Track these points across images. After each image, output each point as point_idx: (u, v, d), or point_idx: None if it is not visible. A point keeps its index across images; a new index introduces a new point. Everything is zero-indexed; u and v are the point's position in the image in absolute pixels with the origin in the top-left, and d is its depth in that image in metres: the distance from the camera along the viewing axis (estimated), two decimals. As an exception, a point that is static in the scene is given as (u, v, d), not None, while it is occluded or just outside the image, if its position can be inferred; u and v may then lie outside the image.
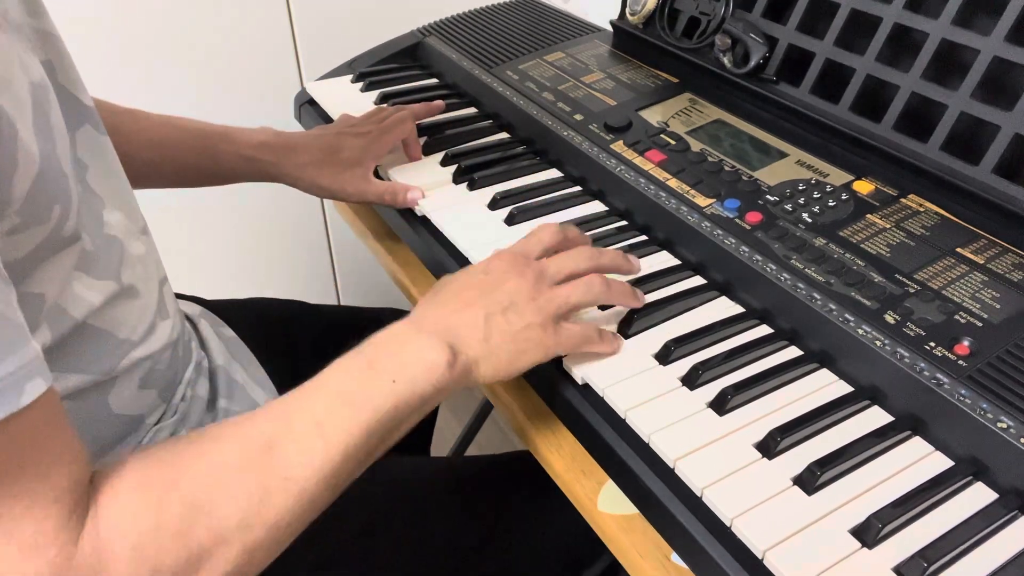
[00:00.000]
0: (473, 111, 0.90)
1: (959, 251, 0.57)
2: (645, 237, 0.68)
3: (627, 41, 0.92)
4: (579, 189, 0.75)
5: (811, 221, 0.62)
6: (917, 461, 0.47)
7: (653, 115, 0.78)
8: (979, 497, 0.45)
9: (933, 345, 0.50)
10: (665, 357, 0.54)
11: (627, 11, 0.90)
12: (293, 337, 0.83)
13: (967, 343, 0.50)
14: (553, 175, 0.78)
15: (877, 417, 0.50)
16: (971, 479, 0.46)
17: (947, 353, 0.50)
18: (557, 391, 0.55)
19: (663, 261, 0.65)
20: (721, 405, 0.50)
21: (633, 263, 0.62)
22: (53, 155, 0.43)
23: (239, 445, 0.43)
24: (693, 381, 0.52)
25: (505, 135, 0.85)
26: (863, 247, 0.59)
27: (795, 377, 0.53)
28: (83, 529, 0.37)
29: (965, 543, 0.42)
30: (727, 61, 0.78)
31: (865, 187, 0.65)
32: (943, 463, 0.47)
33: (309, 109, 0.96)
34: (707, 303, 0.60)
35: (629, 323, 0.57)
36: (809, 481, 0.45)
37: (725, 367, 0.53)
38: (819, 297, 0.55)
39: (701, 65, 0.81)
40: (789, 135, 0.72)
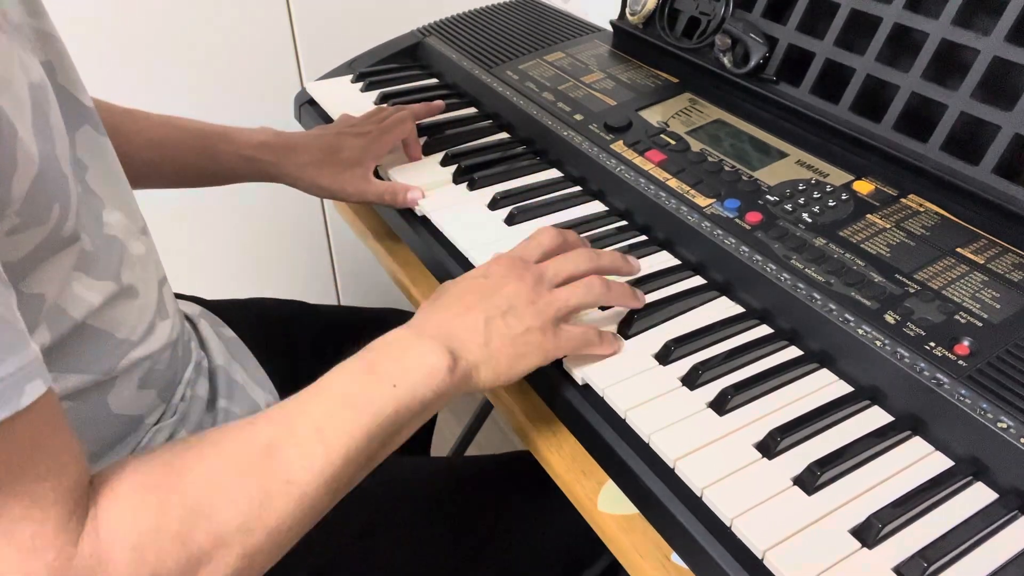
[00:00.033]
0: (473, 111, 0.90)
1: (959, 251, 0.57)
2: (645, 237, 0.68)
3: (627, 41, 0.92)
4: (579, 189, 0.75)
5: (811, 221, 0.62)
6: (917, 461, 0.47)
7: (653, 115, 0.78)
8: (979, 497, 0.45)
9: (933, 345, 0.50)
10: (665, 357, 0.55)
11: (627, 11, 0.90)
12: (293, 337, 0.83)
13: (967, 343, 0.50)
14: (553, 175, 0.78)
15: (877, 417, 0.50)
16: (971, 479, 0.46)
17: (947, 353, 0.50)
18: (557, 391, 0.55)
19: (663, 261, 0.65)
20: (721, 405, 0.50)
21: (632, 264, 0.62)
22: (52, 156, 0.43)
23: (240, 449, 0.43)
24: (693, 381, 0.52)
25: (505, 135, 0.85)
26: (863, 247, 0.59)
27: (795, 377, 0.53)
28: (83, 531, 0.37)
29: (965, 543, 0.42)
30: (727, 61, 0.78)
31: (865, 187, 0.65)
32: (943, 463, 0.47)
33: (309, 109, 0.96)
34: (707, 303, 0.60)
35: (629, 323, 0.57)
36: (809, 481, 0.45)
37: (725, 367, 0.53)
38: (819, 297, 0.55)
39: (701, 65, 0.81)
40: (789, 135, 0.72)
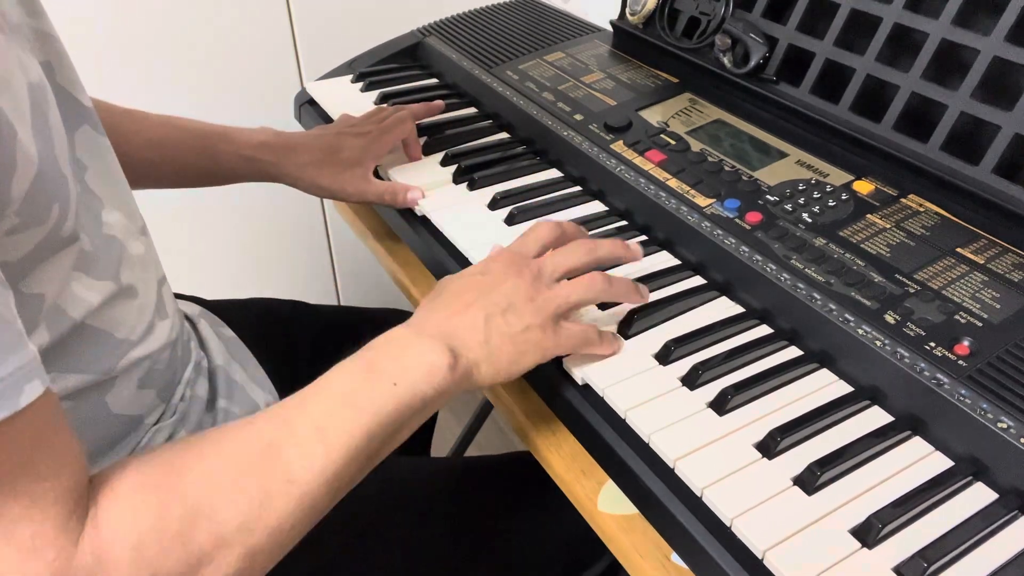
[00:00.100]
0: (473, 111, 0.90)
1: (959, 251, 0.57)
2: (645, 237, 0.68)
3: (627, 41, 0.92)
4: (579, 189, 0.75)
5: (811, 221, 0.62)
6: (917, 461, 0.47)
7: (653, 115, 0.78)
8: (979, 497, 0.45)
9: (933, 345, 0.50)
10: (665, 357, 0.54)
11: (627, 11, 0.90)
12: (293, 337, 0.83)
13: (967, 343, 0.50)
14: (553, 175, 0.78)
15: (877, 417, 0.50)
16: (971, 479, 0.46)
17: (947, 353, 0.50)
18: (557, 391, 0.55)
19: (663, 261, 0.65)
20: (721, 405, 0.50)
21: (633, 250, 0.60)
22: (51, 156, 0.43)
23: (240, 448, 0.43)
24: (693, 381, 0.52)
25: (505, 135, 0.85)
26: (863, 247, 0.59)
27: (795, 377, 0.53)
28: (83, 531, 0.37)
29: (965, 543, 0.42)
30: (727, 61, 0.78)
31: (865, 187, 0.65)
32: (943, 463, 0.47)
33: (309, 109, 0.96)
34: (707, 303, 0.60)
35: (629, 323, 0.57)
36: (809, 481, 0.45)
37: (725, 367, 0.53)
38: (819, 297, 0.55)
39: (701, 65, 0.81)
40: (789, 135, 0.72)
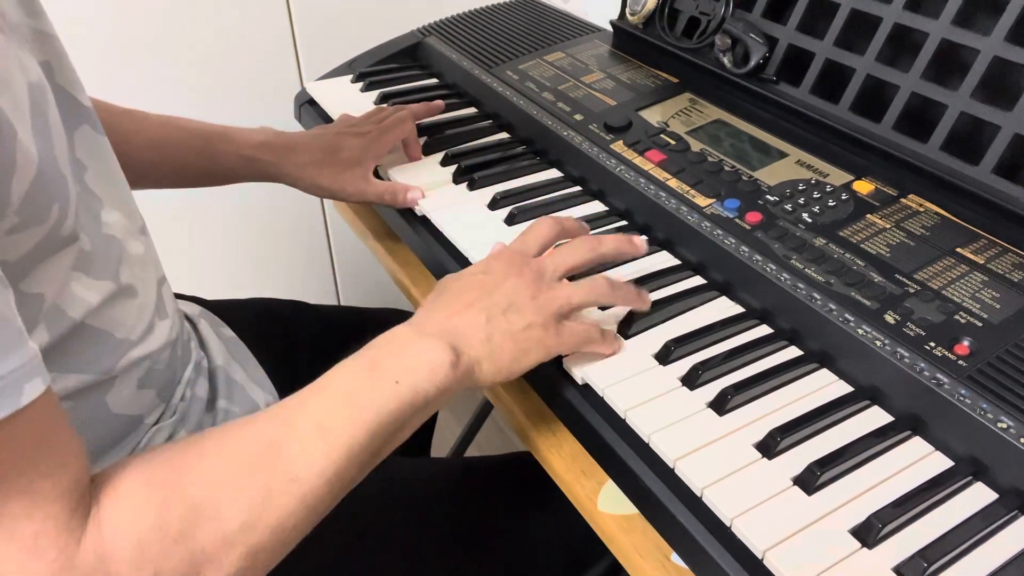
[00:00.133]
0: (473, 111, 0.90)
1: (959, 251, 0.57)
2: (645, 237, 0.68)
3: (627, 41, 0.92)
4: (579, 189, 0.75)
5: (811, 221, 0.62)
6: (917, 461, 0.47)
7: (653, 115, 0.78)
8: (979, 497, 0.45)
9: (933, 345, 0.50)
10: (665, 357, 0.54)
11: (627, 11, 0.90)
12: (293, 337, 0.83)
13: (967, 343, 0.50)
14: (553, 175, 0.78)
15: (877, 417, 0.50)
16: (971, 479, 0.46)
17: (947, 353, 0.50)
18: (557, 391, 0.55)
19: (663, 261, 0.65)
20: (721, 405, 0.50)
21: (638, 244, 0.60)
22: (51, 156, 0.43)
23: (242, 447, 0.43)
24: (693, 381, 0.52)
25: (505, 135, 0.85)
26: (863, 247, 0.59)
27: (795, 377, 0.53)
28: (85, 530, 0.37)
29: (965, 543, 0.42)
30: (727, 61, 0.78)
31: (865, 187, 0.65)
32: (943, 463, 0.47)
33: (309, 109, 0.96)
34: (707, 303, 0.60)
35: (629, 323, 0.57)
36: (809, 481, 0.45)
37: (725, 367, 0.53)
38: (819, 297, 0.55)
39: (701, 65, 0.81)
40: (789, 135, 0.72)
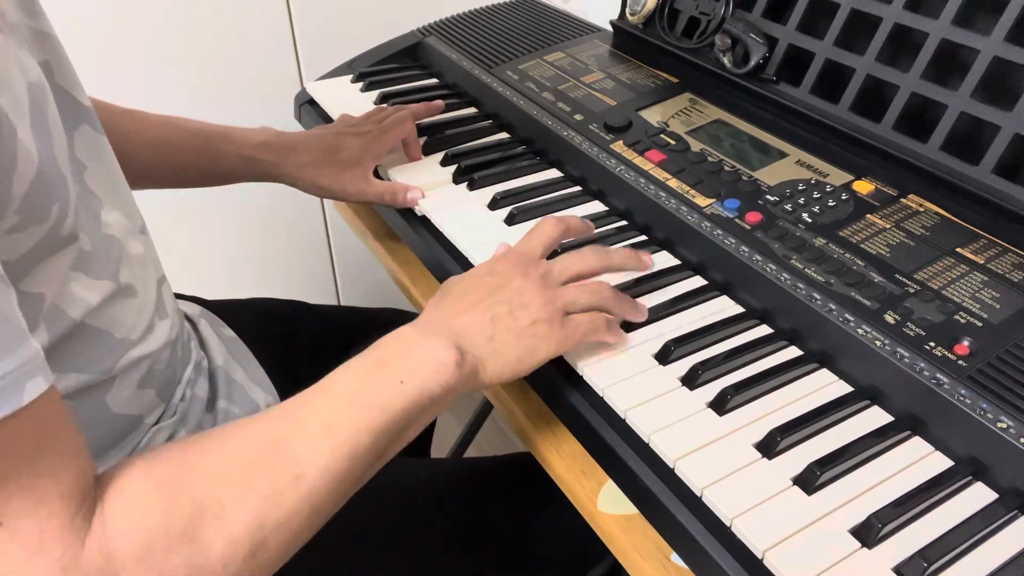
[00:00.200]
0: (473, 111, 0.90)
1: (959, 251, 0.57)
2: (645, 237, 0.68)
3: (627, 41, 0.92)
4: (579, 189, 0.75)
5: (811, 221, 0.62)
6: (917, 461, 0.47)
7: (653, 115, 0.78)
8: (979, 497, 0.45)
9: (933, 345, 0.50)
10: (665, 357, 0.54)
11: (627, 11, 0.90)
12: (293, 337, 0.83)
13: (967, 343, 0.50)
14: (553, 175, 0.78)
15: (877, 417, 0.50)
16: (971, 479, 0.46)
17: (947, 353, 0.50)
18: (557, 392, 0.55)
19: (663, 261, 0.65)
20: (721, 405, 0.50)
21: (644, 260, 0.61)
22: (51, 155, 0.43)
23: (246, 445, 0.43)
24: (693, 381, 0.52)
25: (505, 135, 0.85)
26: (863, 247, 0.59)
27: (795, 377, 0.53)
28: (89, 529, 0.37)
29: (965, 543, 0.42)
30: (727, 61, 0.78)
31: (865, 187, 0.65)
32: (943, 463, 0.47)
33: (309, 109, 0.96)
34: (707, 303, 0.60)
35: (629, 324, 0.57)
36: (809, 481, 0.45)
37: (725, 367, 0.53)
38: (819, 297, 0.55)
39: (701, 65, 0.81)
40: (789, 135, 0.72)
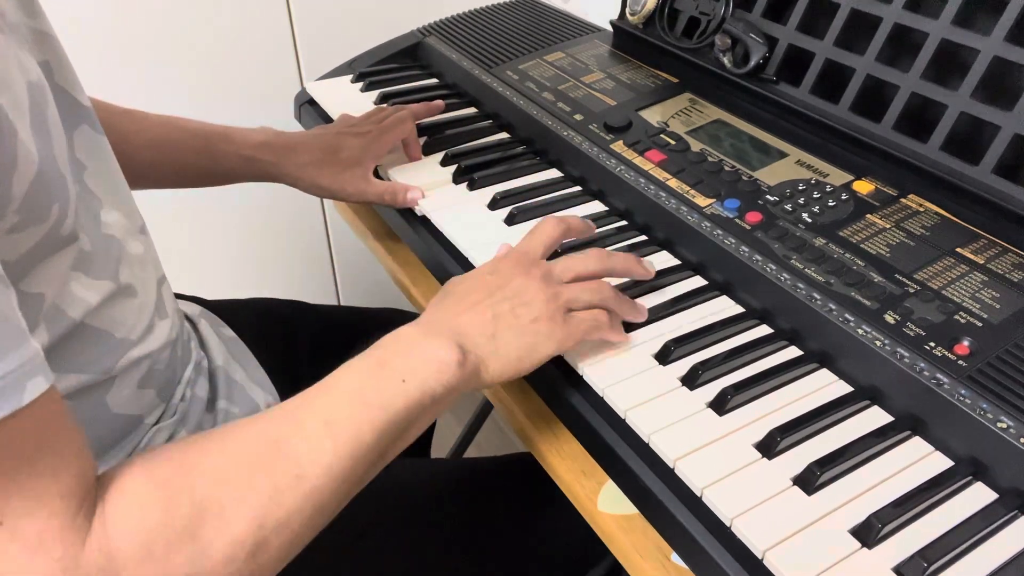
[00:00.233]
0: (473, 111, 0.90)
1: (959, 251, 0.57)
2: (645, 237, 0.68)
3: (627, 41, 0.92)
4: (579, 189, 0.75)
5: (811, 221, 0.62)
6: (917, 461, 0.47)
7: (653, 115, 0.78)
8: (979, 497, 0.45)
9: (933, 345, 0.50)
10: (665, 357, 0.54)
11: (627, 11, 0.90)
12: (293, 337, 0.83)
13: (967, 343, 0.50)
14: (553, 175, 0.78)
15: (877, 417, 0.50)
16: (971, 479, 0.46)
17: (947, 353, 0.50)
18: (557, 392, 0.55)
19: (663, 261, 0.65)
20: (721, 405, 0.50)
21: (647, 268, 0.60)
22: (51, 155, 0.43)
23: (248, 444, 0.43)
24: (693, 381, 0.52)
25: (505, 135, 0.85)
26: (863, 247, 0.59)
27: (795, 377, 0.53)
28: (90, 528, 0.37)
29: (965, 543, 0.42)
30: (727, 61, 0.78)
31: (865, 187, 0.65)
32: (943, 463, 0.47)
33: (309, 109, 0.96)
34: (707, 303, 0.60)
35: (629, 324, 0.57)
36: (809, 481, 0.45)
37: (725, 367, 0.53)
38: (819, 297, 0.55)
39: (701, 65, 0.81)
40: (789, 135, 0.72)
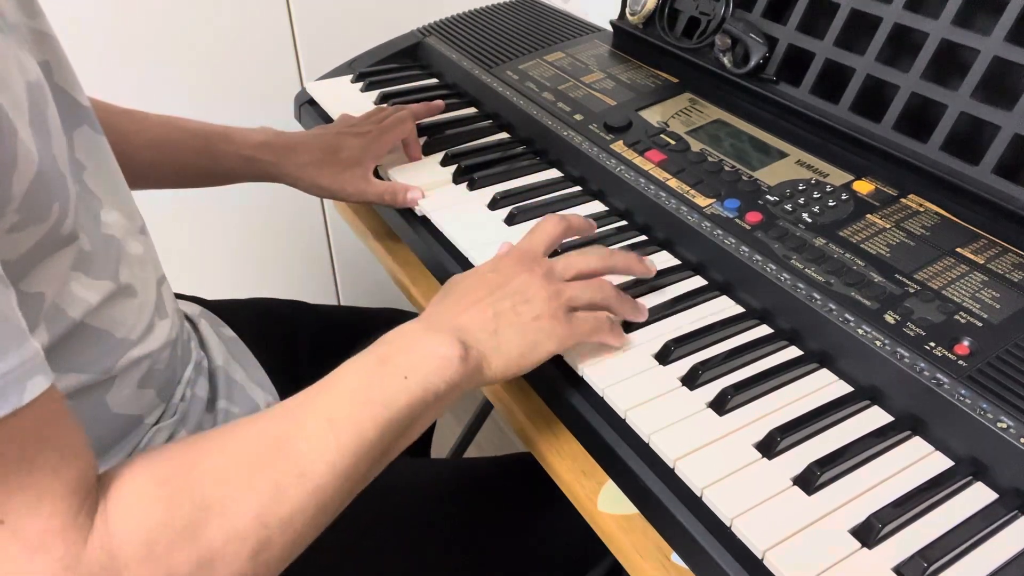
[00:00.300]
0: (473, 111, 0.90)
1: (959, 251, 0.57)
2: (645, 237, 0.68)
3: (627, 41, 0.92)
4: (579, 189, 0.75)
5: (811, 221, 0.62)
6: (917, 461, 0.47)
7: (653, 115, 0.78)
8: (979, 497, 0.45)
9: (933, 345, 0.50)
10: (665, 357, 0.54)
11: (627, 11, 0.90)
12: (293, 337, 0.83)
13: (967, 343, 0.50)
14: (553, 175, 0.78)
15: (877, 417, 0.50)
16: (971, 479, 0.46)
17: (947, 353, 0.50)
18: (557, 392, 0.55)
19: (663, 261, 0.65)
20: (721, 405, 0.50)
21: (648, 266, 0.60)
22: (50, 155, 0.43)
23: (250, 443, 0.43)
24: (693, 381, 0.52)
25: (505, 135, 0.85)
26: (863, 247, 0.59)
27: (795, 377, 0.53)
28: (92, 527, 0.37)
29: (965, 543, 0.42)
30: (727, 61, 0.78)
31: (865, 187, 0.65)
32: (943, 463, 0.47)
33: (309, 109, 0.96)
34: (707, 303, 0.60)
35: (628, 324, 0.57)
36: (809, 481, 0.45)
37: (725, 367, 0.53)
38: (819, 297, 0.55)
39: (701, 65, 0.81)
40: (789, 135, 0.72)
